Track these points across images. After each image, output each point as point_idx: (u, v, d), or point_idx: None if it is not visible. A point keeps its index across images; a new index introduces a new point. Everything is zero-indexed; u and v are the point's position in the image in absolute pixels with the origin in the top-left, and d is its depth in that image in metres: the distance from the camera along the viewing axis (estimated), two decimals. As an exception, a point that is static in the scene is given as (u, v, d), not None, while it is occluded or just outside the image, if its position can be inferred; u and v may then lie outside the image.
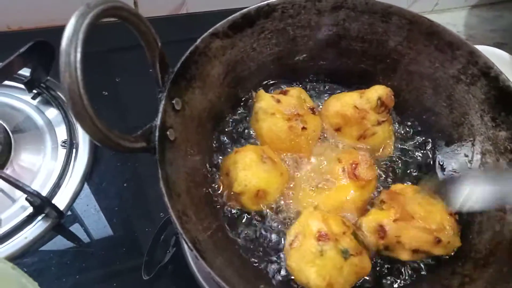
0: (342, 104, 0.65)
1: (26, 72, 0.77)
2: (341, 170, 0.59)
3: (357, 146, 0.65)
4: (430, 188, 0.58)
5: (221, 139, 0.66)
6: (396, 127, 0.70)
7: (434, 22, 0.62)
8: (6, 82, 0.77)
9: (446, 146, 0.66)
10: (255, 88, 0.69)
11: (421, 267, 0.57)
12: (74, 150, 0.73)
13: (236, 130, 0.67)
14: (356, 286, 0.55)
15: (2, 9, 0.87)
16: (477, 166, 0.61)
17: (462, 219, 0.59)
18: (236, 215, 0.59)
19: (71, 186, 0.69)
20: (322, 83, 0.74)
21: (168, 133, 0.50)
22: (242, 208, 0.58)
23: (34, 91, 0.78)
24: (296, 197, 0.59)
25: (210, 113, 0.62)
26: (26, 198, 0.63)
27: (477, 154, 0.61)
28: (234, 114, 0.68)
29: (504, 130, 0.57)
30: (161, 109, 0.49)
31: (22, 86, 0.77)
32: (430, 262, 0.57)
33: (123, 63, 0.89)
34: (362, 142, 0.65)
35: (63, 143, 0.74)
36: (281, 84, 0.73)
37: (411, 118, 0.71)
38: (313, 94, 0.73)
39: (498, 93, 0.58)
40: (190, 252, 0.61)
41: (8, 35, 0.91)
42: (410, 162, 0.67)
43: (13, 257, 0.62)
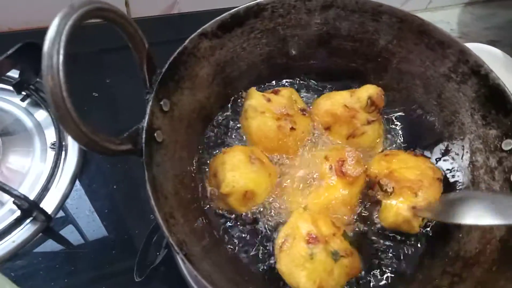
0: (333, 103, 0.65)
1: (15, 74, 0.76)
2: (328, 168, 0.58)
3: (346, 145, 0.65)
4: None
5: (210, 140, 0.65)
6: (386, 126, 0.70)
7: (425, 20, 0.62)
8: (-5, 84, 0.77)
9: (437, 145, 0.66)
10: (246, 88, 0.68)
11: (411, 267, 0.57)
12: (63, 152, 0.72)
13: (226, 131, 0.66)
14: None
15: (-10, 10, 0.87)
16: (467, 164, 0.61)
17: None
18: (224, 217, 0.59)
19: (60, 188, 0.68)
20: (313, 83, 0.74)
21: (155, 134, 0.50)
22: (230, 209, 0.58)
23: (23, 93, 0.77)
24: (285, 197, 0.59)
25: (199, 114, 0.61)
26: (13, 202, 0.62)
27: (467, 152, 0.61)
28: (224, 114, 0.67)
29: (494, 128, 0.57)
30: (148, 110, 0.49)
31: (11, 88, 0.76)
32: (420, 261, 0.57)
33: (114, 64, 0.88)
34: (352, 141, 0.65)
35: (52, 145, 0.73)
36: (271, 84, 0.72)
37: (402, 117, 0.70)
38: (304, 94, 0.72)
39: (488, 91, 0.58)
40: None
41: (-4, 37, 0.90)
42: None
43: (0, 261, 0.61)
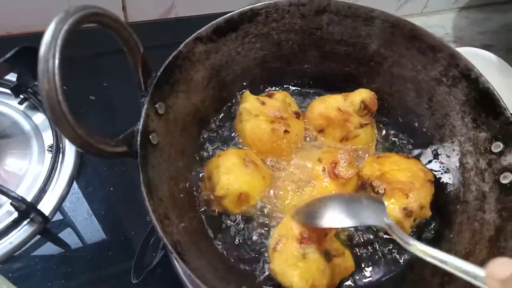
0: (326, 106, 0.65)
1: (12, 77, 0.76)
2: (321, 170, 0.59)
3: (339, 148, 0.66)
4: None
5: (205, 143, 0.66)
6: (379, 130, 0.71)
7: (416, 25, 0.63)
8: (-8, 88, 0.77)
9: (428, 147, 0.67)
10: (240, 91, 0.69)
11: (402, 267, 0.58)
12: (61, 155, 0.73)
13: (220, 134, 0.67)
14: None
15: (-11, 14, 0.87)
16: (457, 166, 0.62)
17: (443, 220, 0.60)
18: (219, 219, 0.59)
19: (57, 190, 0.69)
20: (306, 87, 0.75)
21: (151, 137, 0.50)
22: (225, 211, 0.58)
23: (21, 96, 0.78)
24: (278, 200, 0.60)
25: (194, 117, 0.62)
26: (11, 203, 0.63)
27: (458, 154, 0.62)
28: (219, 117, 0.68)
29: (484, 131, 0.58)
30: (143, 113, 0.50)
31: (9, 91, 0.77)
32: (412, 261, 0.58)
33: (111, 68, 0.89)
34: (345, 144, 0.66)
35: (50, 148, 0.73)
36: (266, 87, 0.73)
37: (394, 120, 0.71)
38: (297, 98, 0.73)
39: (478, 94, 0.59)
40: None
41: (-6, 40, 0.91)
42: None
43: (-3, 262, 0.62)
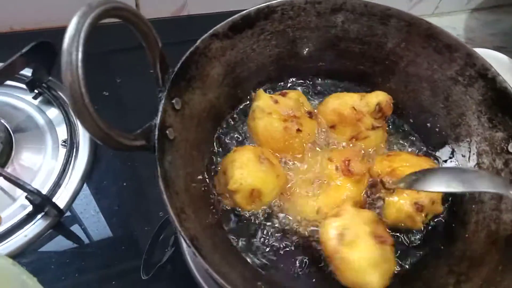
0: (341, 103, 0.65)
1: (28, 72, 0.77)
2: (334, 169, 0.59)
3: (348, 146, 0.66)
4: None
5: (220, 139, 0.66)
6: (392, 128, 0.71)
7: (432, 24, 0.63)
8: (8, 82, 0.78)
9: (444, 147, 0.67)
10: (255, 89, 0.69)
11: (416, 266, 0.57)
12: (75, 150, 0.73)
13: (235, 130, 0.67)
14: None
15: (5, 10, 0.88)
16: (473, 166, 0.62)
17: (459, 219, 0.60)
18: (233, 214, 0.59)
19: (71, 185, 0.70)
20: (321, 84, 0.75)
21: (167, 132, 0.50)
22: (237, 207, 0.58)
23: (36, 91, 0.78)
24: (294, 200, 0.59)
25: (209, 113, 0.62)
26: (26, 197, 0.63)
27: (473, 154, 0.62)
28: (234, 114, 0.68)
29: (500, 131, 0.58)
30: (161, 108, 0.50)
31: (24, 86, 0.78)
32: (426, 260, 0.57)
33: (124, 64, 0.90)
34: (354, 143, 0.65)
35: (64, 143, 0.74)
36: (280, 85, 0.73)
37: (409, 119, 0.71)
38: (311, 96, 0.73)
39: (495, 94, 0.58)
40: (188, 250, 0.62)
41: (10, 36, 0.92)
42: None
43: (12, 255, 0.62)
